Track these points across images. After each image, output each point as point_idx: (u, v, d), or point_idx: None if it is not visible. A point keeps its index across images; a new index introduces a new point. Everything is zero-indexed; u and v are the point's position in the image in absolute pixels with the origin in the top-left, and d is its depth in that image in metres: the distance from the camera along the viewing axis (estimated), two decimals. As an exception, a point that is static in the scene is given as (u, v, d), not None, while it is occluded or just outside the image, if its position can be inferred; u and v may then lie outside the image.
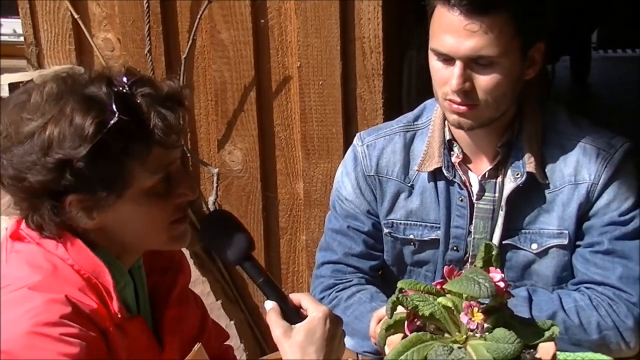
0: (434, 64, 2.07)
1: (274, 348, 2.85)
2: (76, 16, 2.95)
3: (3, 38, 3.19)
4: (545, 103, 2.26)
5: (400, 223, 2.26)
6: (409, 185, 2.25)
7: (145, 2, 2.93)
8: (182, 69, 2.98)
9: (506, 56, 2.02)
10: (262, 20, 2.96)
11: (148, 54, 2.92)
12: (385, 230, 2.29)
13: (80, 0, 3.00)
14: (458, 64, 2.00)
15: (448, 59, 2.02)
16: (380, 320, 1.98)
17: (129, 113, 1.53)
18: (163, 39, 2.99)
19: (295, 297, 1.72)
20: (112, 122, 1.51)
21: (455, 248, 2.22)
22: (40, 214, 1.58)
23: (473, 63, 2.01)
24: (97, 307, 1.59)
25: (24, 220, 1.65)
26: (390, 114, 2.75)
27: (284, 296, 1.72)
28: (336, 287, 2.30)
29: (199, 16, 2.94)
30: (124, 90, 1.57)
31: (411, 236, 2.26)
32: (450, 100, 2.04)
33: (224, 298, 3.10)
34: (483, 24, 1.98)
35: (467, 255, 2.21)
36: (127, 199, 1.60)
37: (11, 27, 3.15)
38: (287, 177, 3.13)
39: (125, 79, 1.59)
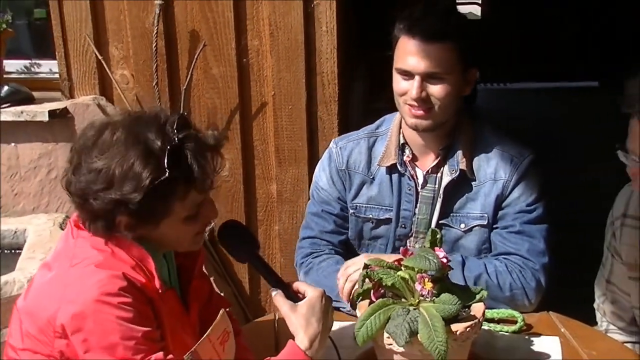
0: (398, 79, 2.27)
1: (255, 315, 3.11)
2: (100, 57, 3.09)
3: (42, 75, 3.32)
4: (475, 119, 2.41)
5: (362, 206, 2.44)
6: (371, 177, 2.42)
7: (153, 45, 3.05)
8: (182, 97, 3.13)
9: (451, 74, 2.22)
10: (244, 59, 3.13)
11: (155, 86, 3.07)
12: (351, 212, 2.46)
13: (102, 45, 3.12)
14: (417, 78, 2.20)
15: (409, 75, 2.22)
16: (347, 278, 2.17)
17: (177, 168, 1.64)
18: (167, 75, 3.11)
19: (295, 284, 1.86)
20: (162, 177, 1.62)
21: (403, 226, 2.38)
22: (95, 225, 1.69)
23: (427, 78, 2.21)
24: (145, 282, 1.68)
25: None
26: (343, 130, 2.97)
27: (285, 283, 1.84)
28: (312, 254, 2.44)
29: (195, 56, 3.09)
30: (175, 144, 1.66)
31: (370, 216, 2.43)
32: (410, 106, 2.24)
33: (215, 274, 3.22)
34: (435, 50, 2.20)
35: (412, 231, 2.39)
36: (165, 224, 1.72)
37: (48, 67, 3.28)
38: (263, 180, 3.27)
39: (177, 132, 1.68)
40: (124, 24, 3.12)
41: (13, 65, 3.42)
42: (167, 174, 1.62)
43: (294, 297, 1.81)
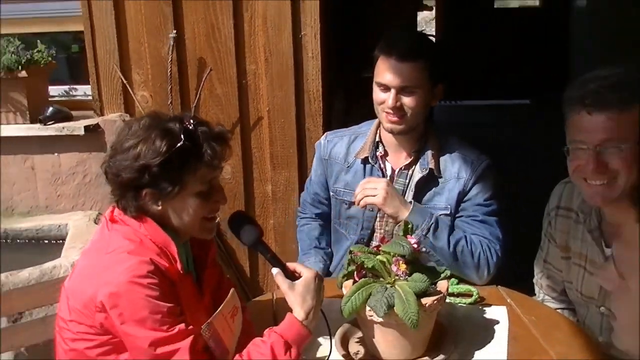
0: (377, 90, 2.29)
1: (254, 295, 3.11)
2: (124, 81, 3.10)
3: (78, 97, 3.37)
4: (441, 129, 2.44)
5: (340, 190, 2.47)
6: (347, 166, 2.45)
7: (168, 71, 3.05)
8: (192, 113, 3.07)
9: (422, 88, 2.25)
10: (244, 81, 3.12)
11: (170, 105, 3.09)
12: (331, 194, 2.51)
13: (126, 71, 3.12)
14: (393, 90, 2.24)
15: (386, 88, 2.25)
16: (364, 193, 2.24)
17: (190, 141, 1.69)
18: (179, 95, 3.12)
19: (291, 265, 1.85)
20: (178, 145, 1.68)
21: (371, 209, 2.38)
22: (126, 200, 1.72)
23: (401, 90, 2.24)
24: (168, 266, 1.71)
25: (114, 208, 1.79)
26: None
27: (284, 264, 1.84)
28: (300, 214, 2.64)
29: (203, 80, 3.09)
30: (190, 127, 1.72)
31: (345, 199, 2.45)
32: (387, 113, 2.27)
33: (220, 261, 3.09)
34: (408, 68, 2.23)
35: (379, 213, 2.40)
36: (181, 196, 1.73)
37: (83, 91, 3.32)
38: (260, 182, 3.26)
39: (192, 121, 1.74)
40: (144, 54, 3.13)
41: (55, 90, 3.44)
42: (182, 142, 1.67)
43: (292, 276, 1.81)
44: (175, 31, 3.04)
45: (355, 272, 1.82)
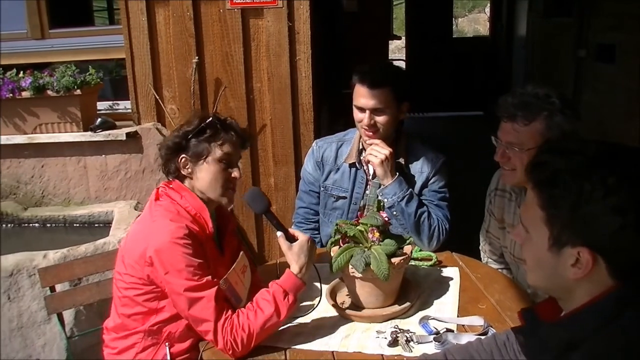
0: (355, 111, 2.30)
1: (261, 263, 3.14)
2: (157, 97, 3.13)
3: (120, 111, 3.42)
4: (409, 135, 2.44)
5: (329, 186, 2.46)
6: (336, 168, 2.44)
7: (191, 89, 3.07)
8: None
9: (390, 108, 2.26)
10: (251, 96, 3.13)
11: None
12: (322, 189, 2.49)
13: (158, 89, 3.14)
14: (367, 112, 2.25)
15: (362, 109, 2.26)
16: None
17: (218, 122, 1.84)
18: (200, 108, 3.11)
19: (291, 231, 1.87)
20: (207, 120, 1.83)
21: (354, 203, 2.41)
22: (170, 164, 1.84)
23: (374, 111, 2.25)
24: (198, 230, 1.78)
25: (158, 189, 1.87)
26: None
27: (286, 229, 1.85)
28: (301, 224, 2.53)
29: (219, 96, 3.11)
30: (218, 116, 1.87)
31: (333, 193, 2.45)
32: (364, 129, 2.29)
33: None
34: (378, 93, 2.23)
35: (361, 205, 2.41)
36: (206, 163, 1.81)
37: (124, 105, 3.35)
38: (265, 176, 3.26)
39: (218, 115, 1.89)
40: (172, 75, 3.15)
41: (101, 105, 3.47)
42: (210, 119, 1.84)
43: (291, 239, 1.83)
44: (197, 57, 3.07)
45: (340, 240, 1.87)
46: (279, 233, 1.84)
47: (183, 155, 1.83)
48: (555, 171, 1.07)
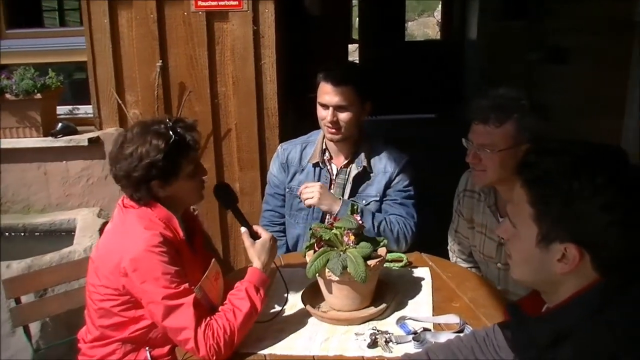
0: (319, 108, 2.32)
1: (227, 270, 3.07)
2: (119, 102, 3.07)
3: (80, 115, 3.31)
4: (372, 135, 2.46)
5: (295, 187, 2.45)
6: (301, 169, 2.46)
7: (155, 93, 3.02)
8: (166, 116, 2.82)
9: (353, 106, 2.28)
10: (216, 100, 3.11)
11: None
12: (287, 191, 2.50)
13: (120, 93, 3.08)
14: (330, 109, 2.27)
15: (326, 107, 2.29)
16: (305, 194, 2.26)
17: (176, 135, 1.75)
18: (164, 113, 3.04)
19: (255, 227, 1.90)
20: (171, 140, 1.73)
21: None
22: (140, 192, 1.76)
23: (338, 108, 2.27)
24: (172, 237, 1.76)
25: (124, 198, 1.81)
26: None
27: (250, 226, 1.88)
28: (268, 227, 2.48)
29: (183, 100, 3.08)
30: (172, 125, 1.76)
31: (299, 193, 2.39)
32: (327, 127, 2.31)
33: None
34: (342, 90, 2.26)
35: None
36: (179, 179, 1.78)
37: (85, 110, 3.27)
38: (230, 181, 3.17)
39: (168, 120, 1.78)
40: (135, 79, 3.10)
41: (61, 109, 3.38)
42: (173, 137, 1.73)
43: (255, 235, 1.86)
44: (161, 61, 3.02)
45: (315, 244, 1.87)
46: (243, 229, 1.86)
47: (154, 181, 1.76)
48: (545, 171, 1.11)
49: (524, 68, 5.90)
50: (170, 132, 1.75)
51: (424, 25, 18.90)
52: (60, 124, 3.12)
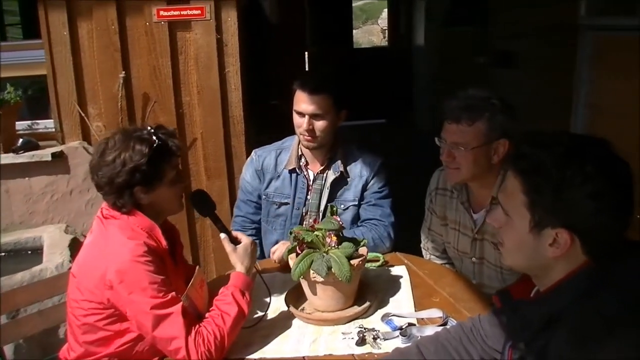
0: (295, 116, 2.32)
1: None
2: (82, 114, 3.03)
3: (40, 130, 3.24)
4: (346, 141, 2.46)
5: (271, 193, 2.46)
6: (277, 175, 2.44)
7: (119, 104, 2.99)
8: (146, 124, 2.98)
9: (328, 114, 2.29)
10: (181, 110, 3.10)
11: None
12: (263, 197, 2.48)
13: (83, 106, 3.03)
14: (306, 117, 2.27)
15: (302, 114, 2.29)
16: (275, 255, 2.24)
17: (161, 141, 1.75)
18: (128, 124, 2.97)
19: (235, 233, 1.90)
20: (155, 145, 1.72)
21: (297, 208, 2.42)
22: (123, 199, 1.73)
23: (313, 116, 2.27)
24: (156, 246, 1.74)
25: (104, 208, 1.78)
26: (248, 154, 2.89)
27: (229, 232, 1.89)
28: (236, 227, 2.48)
29: (148, 110, 3.05)
30: (154, 131, 1.77)
31: (275, 200, 2.46)
32: (303, 134, 2.31)
33: None
34: (317, 99, 2.26)
35: (303, 211, 2.43)
36: (162, 185, 1.77)
37: (45, 124, 3.21)
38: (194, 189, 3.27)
39: (149, 127, 1.79)
40: (98, 91, 3.05)
41: (20, 125, 3.30)
42: (157, 142, 1.73)
43: (235, 241, 1.87)
44: (124, 72, 2.98)
45: (297, 247, 1.88)
46: (222, 235, 1.86)
47: (137, 187, 1.75)
48: (539, 161, 1.17)
49: (472, 73, 6.06)
50: (154, 137, 1.75)
51: (368, 33, 19.16)
52: (21, 140, 3.05)
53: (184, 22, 3.00)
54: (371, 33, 19.28)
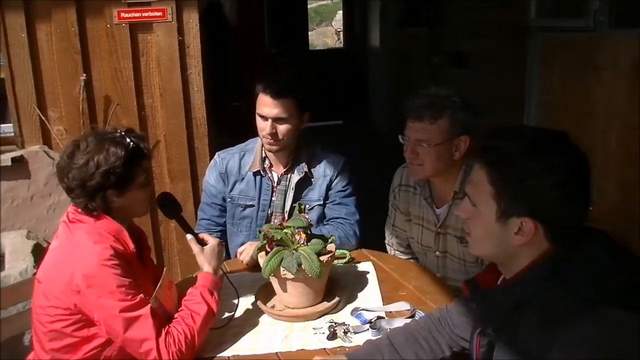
0: (258, 119, 2.30)
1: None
2: (42, 118, 2.97)
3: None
4: (309, 141, 2.47)
5: (235, 196, 2.45)
6: (242, 178, 2.44)
7: (80, 107, 2.94)
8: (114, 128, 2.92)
9: (292, 118, 2.29)
10: (143, 112, 3.07)
11: None
12: (228, 200, 2.47)
13: (43, 110, 2.97)
14: (270, 121, 2.26)
15: (265, 118, 2.28)
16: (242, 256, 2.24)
17: (134, 144, 1.74)
18: (90, 128, 2.82)
19: (201, 235, 1.91)
20: (130, 147, 1.72)
21: (262, 210, 2.43)
22: (95, 202, 1.71)
23: (276, 120, 2.27)
24: (123, 249, 1.72)
25: (70, 212, 1.76)
26: (211, 155, 2.90)
27: (196, 234, 1.90)
28: (200, 229, 2.43)
29: (110, 113, 3.01)
30: (125, 135, 1.75)
31: (240, 202, 2.45)
32: (266, 138, 2.30)
33: None
34: (281, 103, 2.25)
35: (269, 213, 2.44)
36: (132, 189, 1.75)
37: (3, 129, 3.10)
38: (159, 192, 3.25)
39: (120, 131, 1.77)
40: (58, 94, 2.99)
41: None
42: (131, 145, 1.72)
43: (201, 242, 1.88)
44: (85, 75, 2.93)
45: (267, 245, 1.89)
46: (189, 236, 1.87)
47: (110, 190, 1.73)
48: (504, 153, 1.23)
49: (427, 73, 6.18)
50: (128, 140, 1.74)
51: (322, 35, 19.24)
52: (-23, 146, 2.92)
53: (145, 24, 2.96)
54: (325, 35, 19.36)
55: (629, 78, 3.02)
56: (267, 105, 2.27)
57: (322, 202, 2.44)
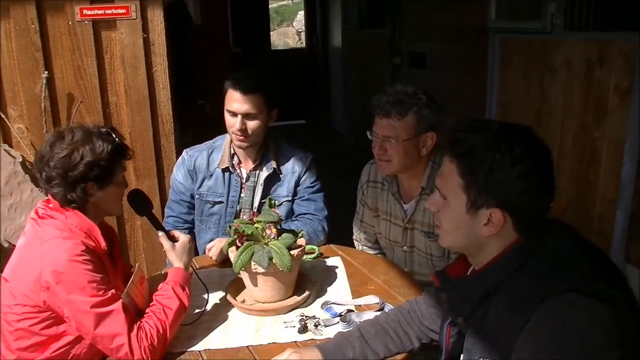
0: (227, 116, 2.30)
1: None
2: (2, 116, 2.86)
3: None
4: (277, 138, 2.49)
5: (204, 193, 2.45)
6: (210, 175, 2.43)
7: (42, 105, 2.85)
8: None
9: (261, 114, 2.29)
10: (107, 110, 2.98)
11: (45, 134, 2.83)
12: (196, 197, 2.47)
13: (2, 107, 2.87)
14: (239, 116, 2.27)
15: (234, 114, 2.28)
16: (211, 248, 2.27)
17: (119, 141, 1.78)
18: (53, 126, 2.87)
19: (172, 232, 1.93)
20: (115, 143, 1.75)
21: (231, 206, 2.43)
22: (75, 193, 1.70)
23: (246, 116, 2.27)
24: (94, 245, 1.72)
25: (39, 207, 1.75)
26: (178, 155, 2.81)
27: (167, 230, 1.91)
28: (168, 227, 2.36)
29: (74, 111, 2.93)
30: (111, 131, 1.78)
31: (209, 199, 2.45)
32: (235, 134, 2.31)
33: None
34: (250, 99, 2.26)
35: (237, 209, 2.44)
36: (111, 184, 1.77)
37: None
38: (126, 190, 3.10)
39: (105, 129, 1.79)
40: (18, 92, 2.89)
41: None
42: (117, 141, 1.76)
43: (172, 239, 1.89)
44: (46, 72, 2.85)
45: (237, 240, 1.90)
46: (160, 233, 1.89)
47: (91, 182, 1.73)
48: (472, 145, 1.26)
49: (387, 73, 6.25)
50: (114, 136, 1.76)
51: (284, 35, 19.21)
52: (-64, 144, 2.80)
53: (109, 21, 2.89)
54: (286, 35, 19.33)
55: (581, 79, 3.13)
56: (237, 101, 2.27)
57: (290, 198, 2.45)
